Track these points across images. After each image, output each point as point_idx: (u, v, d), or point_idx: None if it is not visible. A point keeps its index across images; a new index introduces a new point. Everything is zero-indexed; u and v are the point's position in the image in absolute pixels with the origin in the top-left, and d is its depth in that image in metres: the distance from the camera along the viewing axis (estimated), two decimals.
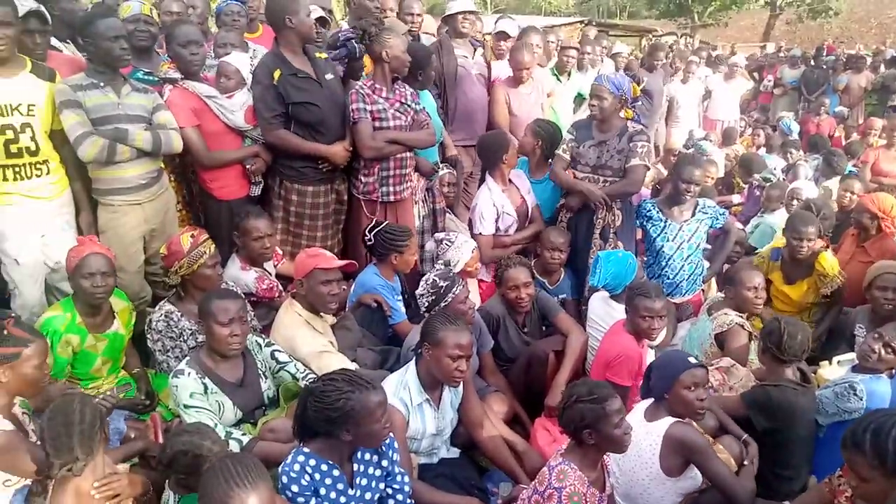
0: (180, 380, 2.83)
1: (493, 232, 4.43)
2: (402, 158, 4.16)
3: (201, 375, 2.88)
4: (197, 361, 2.93)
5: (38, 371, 2.43)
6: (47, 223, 3.45)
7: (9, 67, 3.26)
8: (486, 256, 4.35)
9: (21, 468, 2.33)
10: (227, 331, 2.87)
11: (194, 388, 2.82)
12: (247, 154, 4.02)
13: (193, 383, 2.83)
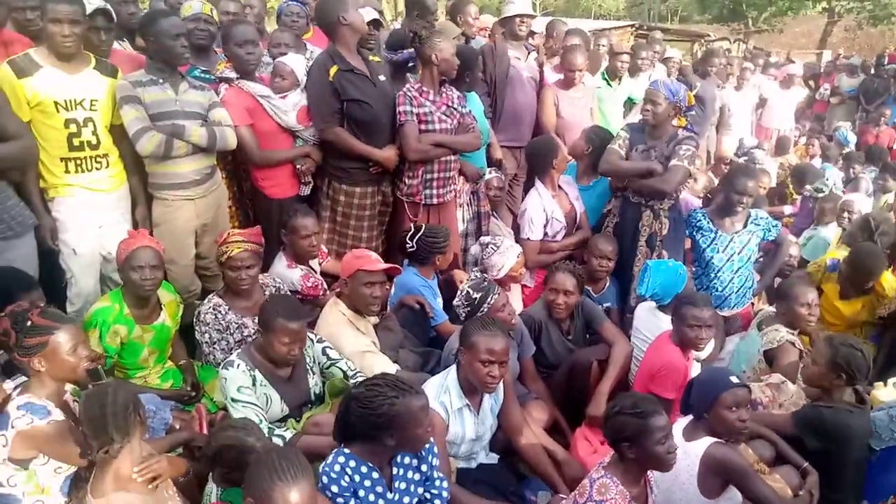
0: (230, 371, 2.87)
1: (541, 237, 4.40)
2: (446, 161, 4.17)
3: (251, 368, 2.92)
4: (248, 354, 2.97)
5: (71, 356, 2.44)
6: (105, 215, 3.55)
7: (74, 63, 3.36)
8: (531, 261, 4.32)
9: (71, 456, 2.38)
10: (286, 349, 2.89)
11: (243, 381, 2.86)
12: (298, 154, 4.08)
13: (242, 376, 2.87)
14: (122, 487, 2.21)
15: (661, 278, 3.66)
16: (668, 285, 3.66)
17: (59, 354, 2.42)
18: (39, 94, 3.27)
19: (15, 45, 3.55)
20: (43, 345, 2.40)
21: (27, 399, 2.40)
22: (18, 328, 2.40)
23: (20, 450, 2.34)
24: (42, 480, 2.41)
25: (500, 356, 2.78)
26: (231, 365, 2.90)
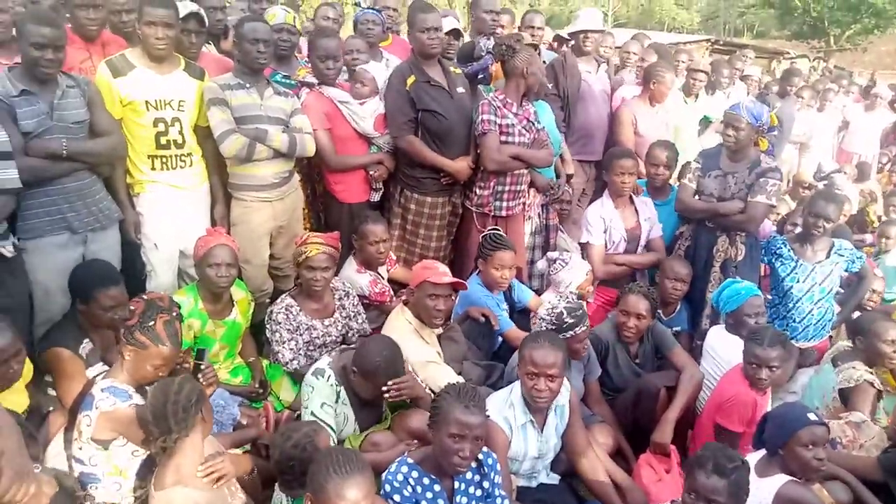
0: (318, 382, 2.87)
1: (602, 243, 4.33)
2: (518, 174, 4.15)
3: (338, 383, 2.92)
4: (338, 365, 2.96)
5: (152, 371, 2.56)
6: (185, 212, 3.66)
7: (165, 65, 3.49)
8: (597, 269, 4.27)
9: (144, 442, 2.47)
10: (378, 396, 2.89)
11: (328, 396, 2.86)
12: (372, 160, 4.13)
13: (329, 390, 2.87)
14: (183, 483, 2.27)
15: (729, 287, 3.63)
16: (731, 295, 3.60)
17: (145, 362, 2.54)
18: (131, 93, 3.41)
19: (111, 45, 3.71)
20: (144, 346, 2.52)
21: (110, 383, 2.51)
22: (143, 319, 2.53)
23: (102, 430, 2.44)
24: (120, 462, 2.50)
25: (543, 369, 2.73)
26: (321, 374, 2.90)
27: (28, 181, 2.98)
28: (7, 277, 3.03)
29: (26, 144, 3.02)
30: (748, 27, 33.19)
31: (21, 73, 3.07)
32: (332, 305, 3.67)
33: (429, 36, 3.90)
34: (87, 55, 3.60)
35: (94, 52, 3.63)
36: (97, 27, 3.62)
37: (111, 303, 2.97)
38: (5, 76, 3.05)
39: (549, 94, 4.70)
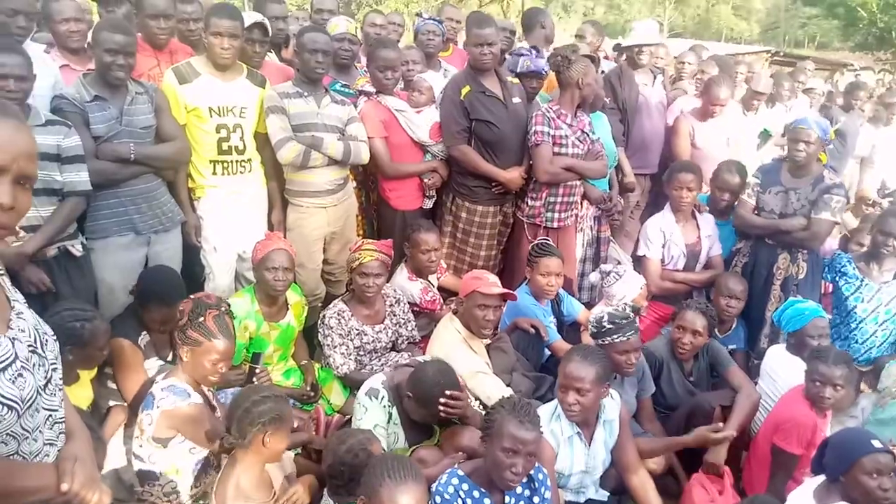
0: (371, 403, 2.88)
1: (659, 257, 4.25)
2: (571, 186, 4.13)
3: (391, 404, 2.92)
4: (392, 384, 2.96)
5: (210, 367, 2.62)
6: (243, 217, 3.75)
7: (229, 73, 3.60)
8: (654, 284, 4.19)
9: (202, 441, 2.55)
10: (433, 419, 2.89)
11: (380, 418, 2.86)
12: (426, 168, 4.17)
13: (381, 412, 2.88)
14: (244, 498, 2.33)
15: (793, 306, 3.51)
16: (795, 314, 3.48)
17: (202, 358, 2.60)
18: (196, 99, 3.52)
19: (178, 53, 3.85)
20: (198, 343, 2.59)
21: (171, 382, 2.59)
22: (192, 317, 2.61)
23: (162, 429, 2.51)
24: (177, 460, 2.57)
25: (572, 381, 2.71)
26: (375, 395, 2.90)
27: (97, 183, 3.12)
28: (75, 275, 3.17)
29: (97, 148, 3.16)
30: (810, 38, 32.23)
31: (94, 80, 3.21)
32: (383, 312, 3.70)
33: (481, 51, 3.93)
34: (156, 62, 3.74)
35: (162, 59, 3.77)
36: (166, 36, 3.76)
37: (161, 318, 3.10)
38: (80, 82, 3.20)
39: (609, 108, 4.65)
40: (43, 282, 2.98)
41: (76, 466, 1.44)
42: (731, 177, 4.29)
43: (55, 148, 2.97)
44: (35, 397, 1.39)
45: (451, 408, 2.87)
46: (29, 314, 1.47)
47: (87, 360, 2.82)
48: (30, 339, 1.42)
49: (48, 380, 1.45)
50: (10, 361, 1.33)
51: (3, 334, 1.35)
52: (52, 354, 1.49)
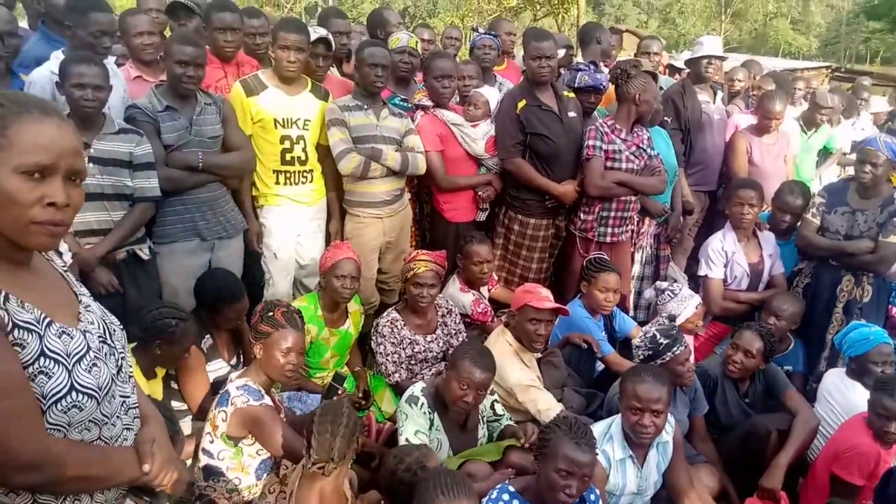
0: (412, 410, 2.90)
1: (721, 277, 4.19)
2: (625, 201, 4.11)
3: (431, 409, 2.94)
4: (431, 391, 2.98)
5: (283, 357, 2.67)
6: (304, 225, 3.84)
7: (294, 86, 3.70)
8: (715, 305, 4.13)
9: (270, 443, 2.60)
10: (461, 394, 2.85)
11: (421, 424, 2.88)
12: (481, 181, 4.21)
13: (422, 418, 2.90)
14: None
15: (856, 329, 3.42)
16: (859, 338, 3.39)
17: (274, 350, 2.67)
18: (262, 111, 3.63)
19: (245, 66, 3.98)
20: (268, 335, 2.68)
21: (245, 381, 2.67)
22: (262, 314, 2.71)
23: (235, 427, 2.58)
24: (244, 460, 2.64)
25: (648, 404, 2.67)
26: (415, 402, 2.92)
27: (166, 190, 3.25)
28: (142, 277, 3.30)
29: (167, 156, 3.29)
30: (873, 53, 31.21)
31: (165, 91, 3.35)
32: (435, 322, 3.74)
33: (539, 64, 3.95)
34: (224, 74, 3.87)
35: (229, 71, 3.90)
36: (233, 49, 3.89)
37: (236, 315, 3.23)
38: (152, 93, 3.34)
39: (671, 128, 4.61)
40: (112, 283, 3.12)
41: (154, 448, 1.51)
42: (793, 198, 4.20)
43: (128, 155, 3.11)
44: (110, 385, 1.46)
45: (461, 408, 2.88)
46: (95, 307, 1.55)
47: (172, 357, 2.95)
48: (99, 331, 1.49)
49: (119, 368, 1.52)
50: (84, 352, 1.40)
51: (75, 327, 1.42)
52: (119, 344, 1.55)
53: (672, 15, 31.43)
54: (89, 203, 3.03)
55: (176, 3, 4.11)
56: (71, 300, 1.49)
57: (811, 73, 12.93)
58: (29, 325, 1.32)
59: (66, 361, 1.36)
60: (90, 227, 3.09)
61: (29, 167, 1.28)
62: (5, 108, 1.28)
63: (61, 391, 1.34)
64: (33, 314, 1.33)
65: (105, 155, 3.04)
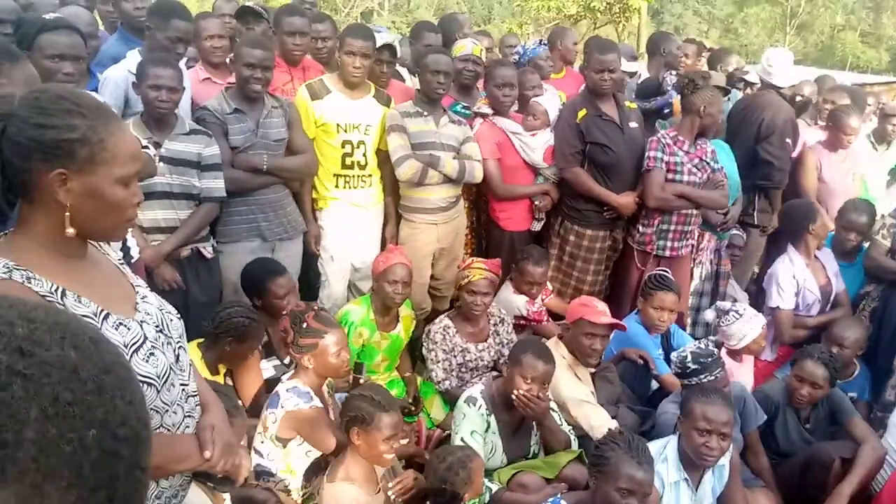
0: (470, 410, 2.91)
1: (793, 307, 4.06)
2: (686, 214, 4.02)
3: (489, 411, 2.94)
4: (489, 394, 2.99)
5: (336, 359, 2.71)
6: (360, 229, 3.89)
7: (357, 91, 3.75)
8: (786, 335, 4.02)
9: (322, 443, 2.64)
10: (526, 388, 2.85)
11: (478, 425, 2.89)
12: (537, 191, 4.18)
13: (479, 420, 2.90)
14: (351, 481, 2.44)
15: None
16: None
17: (326, 356, 2.70)
18: (325, 115, 3.69)
19: (311, 70, 4.05)
20: (314, 346, 2.69)
21: (294, 384, 2.70)
22: (296, 328, 2.72)
23: (284, 429, 2.62)
24: (293, 461, 2.68)
25: (717, 426, 2.60)
26: (473, 403, 2.93)
27: (231, 191, 3.32)
28: (205, 275, 3.39)
29: (233, 158, 3.37)
30: None
31: (234, 94, 3.44)
32: (487, 330, 3.73)
33: (602, 76, 3.92)
34: (290, 78, 3.95)
35: (295, 75, 3.98)
36: (301, 53, 3.97)
37: (283, 290, 3.24)
38: (222, 96, 3.43)
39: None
40: (176, 280, 3.21)
41: (215, 435, 1.54)
42: (858, 216, 4.07)
43: (196, 156, 3.20)
44: (168, 373, 1.49)
45: (526, 401, 2.83)
46: (153, 297, 1.58)
47: (239, 355, 3.04)
48: (156, 321, 1.52)
49: (177, 356, 1.55)
50: (141, 342, 1.44)
51: (132, 318, 1.46)
52: (176, 333, 1.58)
53: (734, 25, 30.71)
54: (157, 201, 3.14)
55: (245, 7, 4.23)
56: (128, 292, 1.53)
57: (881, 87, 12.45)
58: (87, 319, 1.35)
59: (125, 352, 1.39)
60: (157, 225, 3.18)
61: (130, 177, 1.36)
62: (90, 118, 1.30)
63: None
64: (90, 308, 1.37)
65: (175, 155, 3.13)
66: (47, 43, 2.53)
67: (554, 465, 2.93)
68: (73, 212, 1.31)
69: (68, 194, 1.29)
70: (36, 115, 1.26)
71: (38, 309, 0.59)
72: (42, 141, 1.26)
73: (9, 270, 1.29)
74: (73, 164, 1.28)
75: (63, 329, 0.57)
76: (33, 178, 1.29)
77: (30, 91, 1.33)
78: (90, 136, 1.28)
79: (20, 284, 1.28)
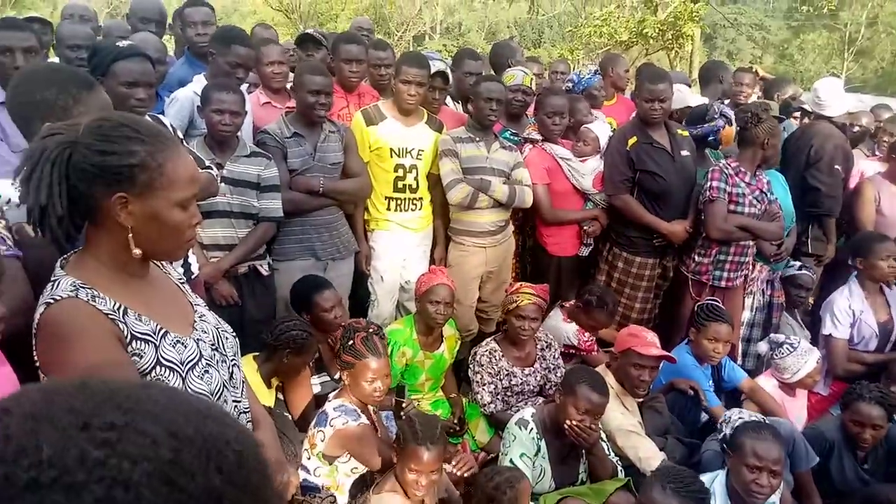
0: (521, 433, 2.93)
1: (847, 337, 3.95)
2: (743, 245, 3.97)
3: (539, 436, 2.95)
4: (540, 417, 3.00)
5: (368, 385, 2.76)
6: (410, 251, 3.96)
7: (411, 117, 3.85)
8: (839, 367, 3.90)
9: (369, 460, 2.68)
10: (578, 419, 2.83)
11: (528, 448, 2.90)
12: (587, 216, 4.19)
13: (529, 443, 2.92)
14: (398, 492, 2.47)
15: None
16: None
17: (359, 378, 2.77)
18: (380, 140, 3.79)
19: (366, 96, 4.17)
20: (352, 365, 2.77)
21: (341, 402, 2.76)
22: (343, 343, 2.80)
23: (332, 447, 2.68)
24: (340, 478, 2.73)
25: (768, 463, 2.56)
26: (524, 426, 2.95)
27: (288, 212, 3.43)
28: (259, 291, 3.49)
29: (291, 180, 3.48)
30: None
31: (294, 118, 3.56)
32: (534, 355, 3.73)
33: (652, 106, 3.92)
34: (346, 104, 4.06)
35: (351, 101, 4.10)
36: (358, 79, 4.08)
37: (329, 304, 3.32)
38: (282, 120, 3.55)
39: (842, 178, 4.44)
40: (232, 296, 3.32)
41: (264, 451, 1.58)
42: None
43: (256, 177, 3.31)
44: (222, 390, 1.54)
45: (578, 432, 2.82)
46: (210, 315, 1.64)
47: (295, 368, 3.13)
48: (212, 339, 1.57)
49: (231, 374, 1.60)
50: (197, 360, 1.49)
51: (188, 336, 1.51)
52: (231, 351, 1.63)
53: (790, 51, 30.14)
54: (217, 220, 3.26)
55: (306, 34, 4.37)
56: (186, 310, 1.59)
57: None
58: (146, 337, 1.41)
59: (180, 369, 1.45)
60: (217, 242, 3.30)
61: (188, 200, 1.41)
62: (149, 143, 1.35)
63: None
64: (150, 326, 1.43)
65: (236, 176, 3.26)
66: (121, 70, 2.65)
67: (601, 493, 2.90)
68: (135, 234, 1.37)
69: (129, 217, 1.35)
70: (98, 141, 1.32)
71: (180, 414, 0.54)
72: (103, 166, 1.31)
73: (75, 289, 1.36)
74: (132, 189, 1.33)
75: (208, 445, 0.53)
76: (97, 201, 1.35)
77: (94, 118, 1.38)
78: (149, 161, 1.33)
79: (85, 302, 1.35)
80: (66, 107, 1.69)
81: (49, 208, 1.32)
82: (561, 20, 26.02)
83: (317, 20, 20.11)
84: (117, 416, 0.50)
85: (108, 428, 0.49)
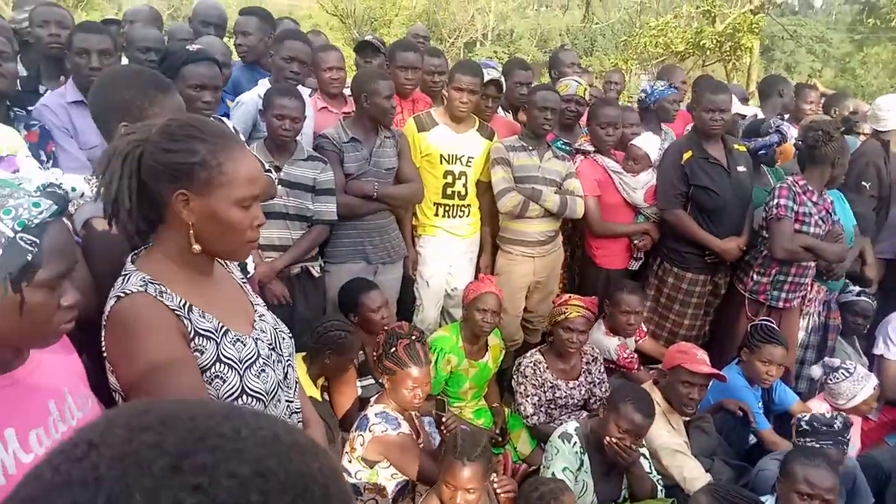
0: (564, 446, 2.93)
1: None
2: (804, 266, 3.87)
3: (583, 450, 2.93)
4: (584, 431, 2.99)
5: (408, 393, 2.77)
6: (456, 257, 3.99)
7: (463, 124, 3.88)
8: (891, 390, 3.78)
9: (407, 469, 2.70)
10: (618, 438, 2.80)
11: (570, 462, 2.89)
12: (637, 230, 4.15)
13: (573, 457, 2.90)
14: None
15: None
16: None
17: (400, 386, 2.78)
18: (431, 146, 3.83)
19: (419, 103, 4.22)
20: (393, 371, 2.79)
21: (382, 408, 2.79)
22: (386, 348, 2.83)
23: (371, 452, 2.71)
24: (380, 482, 2.75)
25: (821, 492, 2.48)
26: (568, 439, 2.94)
27: (342, 215, 3.49)
28: (311, 292, 3.55)
29: (346, 184, 3.54)
30: None
31: (352, 123, 3.62)
32: (579, 368, 3.71)
33: (712, 117, 3.86)
34: (400, 110, 4.11)
35: (405, 107, 4.15)
36: (413, 86, 4.13)
37: (375, 304, 3.37)
38: (340, 125, 3.62)
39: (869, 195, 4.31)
40: (285, 295, 3.39)
41: None
42: None
43: (311, 181, 3.38)
44: (276, 390, 1.57)
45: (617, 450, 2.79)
46: (269, 316, 1.68)
47: (338, 367, 3.17)
48: (269, 339, 1.61)
49: (285, 374, 1.63)
50: (255, 359, 1.52)
51: (248, 335, 1.55)
52: (287, 352, 1.67)
53: (852, 65, 29.18)
54: (273, 221, 3.32)
55: (365, 42, 4.44)
56: (247, 310, 1.64)
57: None
58: (208, 334, 1.46)
59: (239, 367, 1.48)
60: (272, 243, 3.38)
61: (248, 200, 1.43)
62: (211, 143, 1.38)
63: (233, 394, 1.47)
64: (212, 323, 1.47)
65: (293, 179, 3.33)
66: (190, 73, 2.73)
67: None
68: (196, 231, 1.42)
69: (191, 214, 1.40)
70: (165, 140, 1.37)
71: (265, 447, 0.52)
72: (167, 163, 1.36)
73: (144, 284, 1.42)
74: (193, 186, 1.37)
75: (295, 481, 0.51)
76: (163, 198, 1.40)
77: (166, 120, 1.44)
78: (209, 159, 1.37)
79: (153, 298, 1.41)
80: (142, 107, 1.75)
81: (119, 202, 1.39)
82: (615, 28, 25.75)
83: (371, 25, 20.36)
84: (206, 456, 0.49)
85: (199, 471, 0.48)
